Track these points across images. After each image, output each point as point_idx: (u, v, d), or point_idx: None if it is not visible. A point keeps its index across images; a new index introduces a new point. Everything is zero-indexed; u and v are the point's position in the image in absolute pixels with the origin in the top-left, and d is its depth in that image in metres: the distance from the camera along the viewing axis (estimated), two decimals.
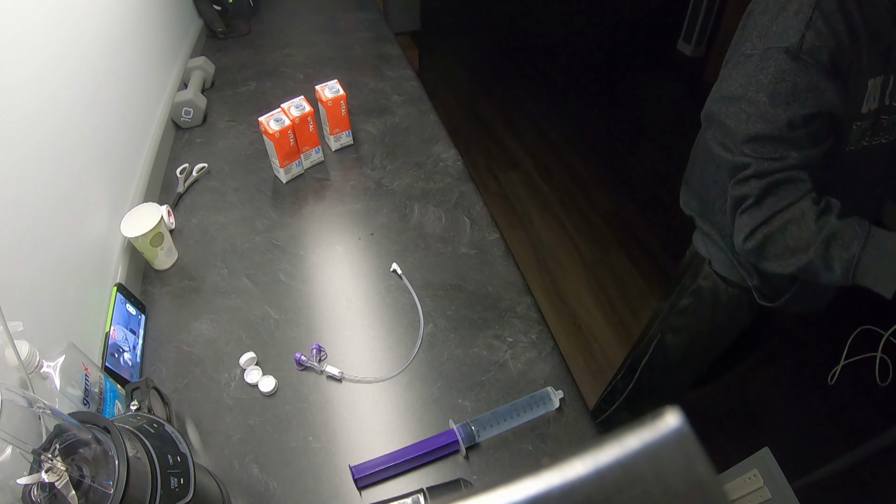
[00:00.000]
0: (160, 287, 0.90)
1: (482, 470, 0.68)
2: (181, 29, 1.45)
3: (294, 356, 0.77)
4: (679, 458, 0.14)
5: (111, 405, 0.66)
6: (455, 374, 0.77)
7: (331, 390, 0.76)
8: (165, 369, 0.78)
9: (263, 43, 1.57)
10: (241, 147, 1.17)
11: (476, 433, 0.68)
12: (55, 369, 0.58)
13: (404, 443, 0.69)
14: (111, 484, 0.42)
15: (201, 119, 1.24)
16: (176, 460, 0.50)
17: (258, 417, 0.73)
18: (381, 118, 1.24)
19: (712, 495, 0.14)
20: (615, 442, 0.15)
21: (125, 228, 0.86)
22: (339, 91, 1.09)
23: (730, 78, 0.70)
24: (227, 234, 0.98)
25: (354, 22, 1.69)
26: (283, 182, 1.08)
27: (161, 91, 1.23)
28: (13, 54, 0.68)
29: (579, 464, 0.15)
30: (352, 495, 0.66)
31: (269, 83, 1.38)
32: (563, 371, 0.77)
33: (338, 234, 0.98)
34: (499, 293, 0.87)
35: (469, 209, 1.01)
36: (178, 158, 1.15)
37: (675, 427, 0.15)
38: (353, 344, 0.81)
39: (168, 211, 0.98)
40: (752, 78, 0.66)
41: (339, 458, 0.69)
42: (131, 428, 0.49)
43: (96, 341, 0.76)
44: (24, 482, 0.41)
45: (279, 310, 0.85)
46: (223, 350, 0.80)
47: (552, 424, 0.71)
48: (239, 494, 0.65)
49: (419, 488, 0.62)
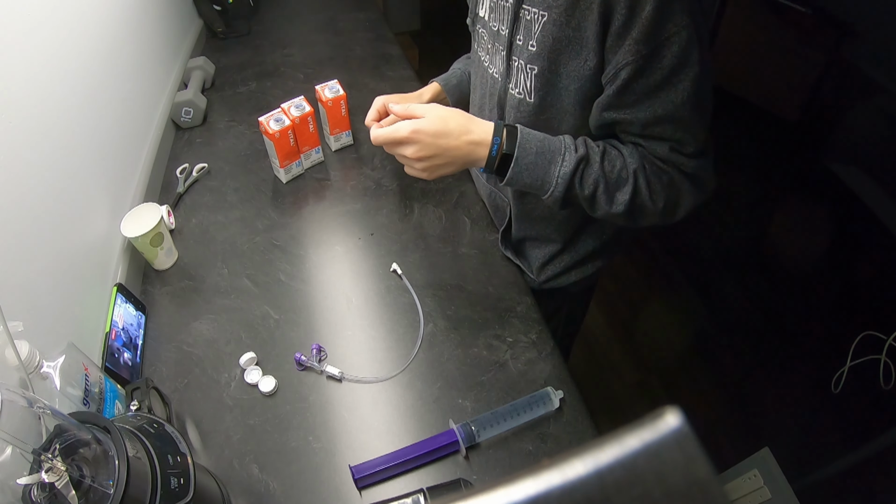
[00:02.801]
0: (160, 287, 0.90)
1: (482, 470, 0.68)
2: (181, 29, 1.45)
3: (294, 356, 0.77)
4: (679, 458, 0.14)
5: (111, 405, 0.66)
6: (455, 374, 0.77)
7: (331, 390, 0.76)
8: (165, 369, 0.78)
9: (263, 43, 1.57)
10: (241, 147, 1.17)
11: (476, 433, 0.68)
12: (55, 369, 0.58)
13: (404, 443, 0.69)
14: (111, 484, 0.42)
15: (201, 119, 1.23)
16: (176, 460, 0.50)
17: (258, 417, 0.73)
18: None
19: (712, 495, 0.14)
20: (615, 442, 0.15)
21: (125, 228, 0.86)
22: (339, 91, 1.09)
23: None
24: (227, 234, 0.98)
25: (354, 22, 1.68)
26: (283, 182, 1.08)
27: (161, 91, 1.23)
28: (13, 54, 0.68)
29: (579, 464, 0.15)
30: (352, 495, 0.66)
31: (269, 83, 1.38)
32: (563, 371, 0.77)
33: (338, 234, 0.98)
34: (499, 293, 0.87)
35: (469, 209, 1.01)
36: (178, 158, 1.15)
37: (675, 427, 0.15)
38: (353, 344, 0.81)
39: (168, 211, 0.98)
40: None
41: (339, 458, 0.69)
42: (131, 428, 0.49)
43: (96, 341, 0.76)
44: (24, 482, 0.41)
45: (279, 310, 0.85)
46: (223, 350, 0.80)
47: (552, 424, 0.71)
48: (239, 494, 0.65)
49: (419, 488, 0.62)
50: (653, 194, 0.69)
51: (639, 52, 0.58)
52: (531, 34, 0.67)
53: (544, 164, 0.68)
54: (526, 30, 0.67)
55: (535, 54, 0.67)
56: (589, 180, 0.68)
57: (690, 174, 0.68)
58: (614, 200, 0.69)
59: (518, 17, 0.68)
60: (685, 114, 0.62)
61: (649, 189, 0.68)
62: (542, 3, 0.64)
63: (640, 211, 0.70)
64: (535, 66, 0.68)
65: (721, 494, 0.14)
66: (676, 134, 0.65)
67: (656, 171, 0.68)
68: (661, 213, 0.70)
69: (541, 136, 0.69)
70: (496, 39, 0.75)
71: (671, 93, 0.61)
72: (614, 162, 0.68)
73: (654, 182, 0.68)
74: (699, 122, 0.65)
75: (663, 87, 0.61)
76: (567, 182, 0.67)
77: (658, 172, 0.68)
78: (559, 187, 0.68)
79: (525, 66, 0.69)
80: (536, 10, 0.65)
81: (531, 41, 0.67)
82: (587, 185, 0.68)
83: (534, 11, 0.65)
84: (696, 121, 0.64)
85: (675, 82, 0.60)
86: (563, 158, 0.67)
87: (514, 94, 0.73)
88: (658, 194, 0.69)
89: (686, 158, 0.67)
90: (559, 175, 0.67)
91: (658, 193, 0.69)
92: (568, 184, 0.67)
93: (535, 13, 0.65)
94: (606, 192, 0.68)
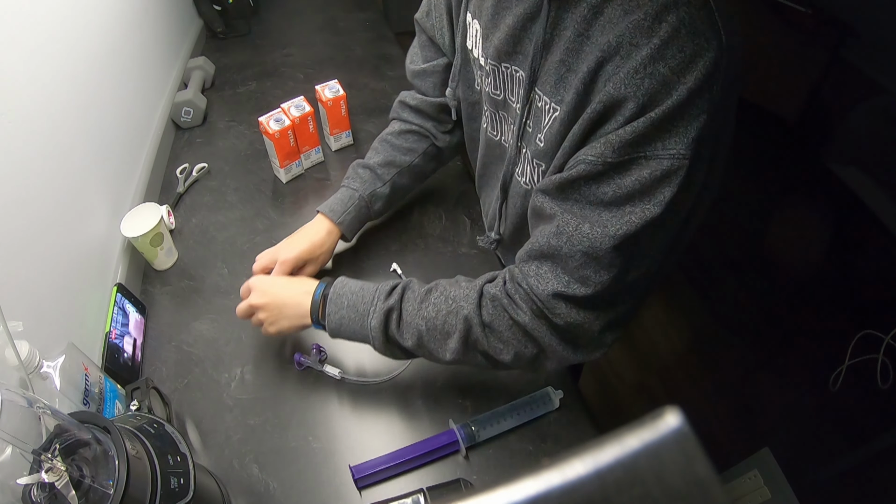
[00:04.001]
0: (160, 287, 0.90)
1: (482, 470, 0.68)
2: (181, 29, 1.45)
3: (294, 356, 0.77)
4: (679, 458, 0.14)
5: (111, 405, 0.66)
6: (455, 374, 0.77)
7: (331, 390, 0.76)
8: (165, 369, 0.78)
9: (263, 43, 1.57)
10: (241, 147, 1.17)
11: (476, 433, 0.68)
12: (55, 369, 0.58)
13: (404, 443, 0.69)
14: (111, 484, 0.42)
15: (201, 119, 1.23)
16: (176, 460, 0.50)
17: (258, 417, 0.73)
18: (381, 118, 1.24)
19: (712, 495, 0.14)
20: (615, 442, 0.15)
21: (125, 228, 0.86)
22: (339, 91, 1.09)
23: None
24: (227, 234, 0.98)
25: (354, 22, 1.68)
26: (284, 182, 1.08)
27: (161, 91, 1.23)
28: (14, 54, 0.68)
29: (579, 464, 0.15)
30: (352, 495, 0.66)
31: (269, 83, 1.38)
32: (563, 371, 0.77)
33: None
34: None
35: (469, 209, 1.01)
36: (178, 158, 1.15)
37: (675, 427, 0.15)
38: (353, 344, 0.81)
39: (168, 211, 0.98)
40: None
41: (339, 458, 0.69)
42: (131, 428, 0.49)
43: (96, 341, 0.76)
44: (24, 482, 0.41)
45: None
46: (223, 350, 0.80)
47: (552, 424, 0.71)
48: (239, 494, 0.65)
49: (419, 488, 0.62)
50: (492, 343, 0.59)
51: (604, 156, 0.48)
52: (540, 126, 0.58)
53: (358, 317, 0.64)
54: (536, 119, 0.58)
55: (543, 151, 0.58)
56: (407, 331, 0.62)
57: (562, 328, 0.55)
58: (446, 348, 0.61)
59: (529, 98, 0.58)
60: (606, 250, 0.50)
61: (487, 339, 0.59)
62: (554, 95, 0.54)
63: (483, 359, 0.61)
64: (542, 163, 0.60)
65: (721, 494, 0.14)
66: (578, 271, 0.52)
67: (502, 318, 0.58)
68: (513, 364, 0.60)
69: (357, 287, 0.65)
70: (502, 108, 0.66)
71: (609, 216, 0.49)
72: (440, 306, 0.60)
73: (496, 331, 0.58)
74: (619, 273, 0.51)
75: (605, 206, 0.50)
76: (382, 335, 0.62)
77: (503, 318, 0.58)
78: (377, 340, 0.63)
79: (532, 160, 0.61)
80: (548, 100, 0.55)
81: (539, 134, 0.58)
82: (406, 336, 0.62)
83: (545, 101, 0.55)
84: (617, 269, 0.51)
85: (621, 208, 0.49)
86: (374, 309, 0.62)
87: (521, 182, 0.66)
88: (504, 344, 0.59)
89: (568, 308, 0.54)
90: (371, 328, 0.63)
91: (504, 344, 0.59)
92: (384, 336, 0.62)
93: (547, 104, 0.55)
94: (434, 340, 0.61)
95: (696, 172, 0.47)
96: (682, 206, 0.49)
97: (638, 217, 0.48)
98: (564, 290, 0.53)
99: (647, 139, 0.46)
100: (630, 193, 0.48)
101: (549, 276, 0.54)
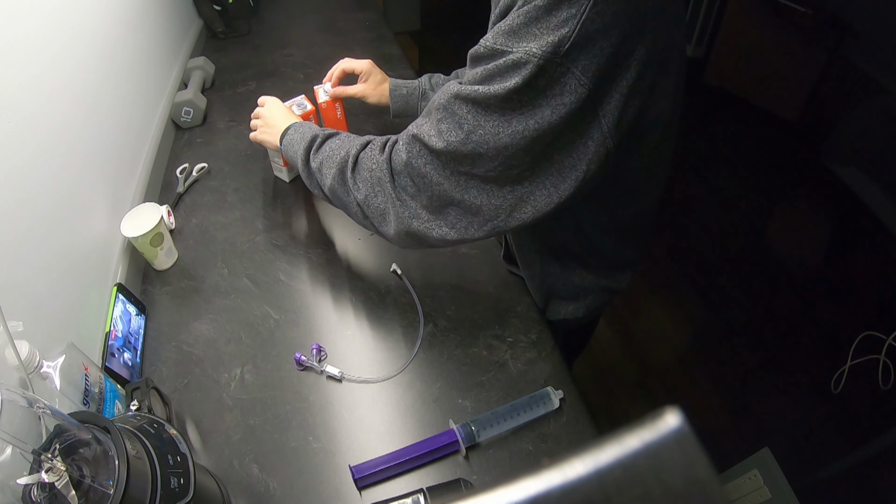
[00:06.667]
0: (160, 287, 0.90)
1: (482, 470, 0.68)
2: (181, 29, 1.45)
3: (294, 356, 0.77)
4: (679, 458, 0.14)
5: (111, 405, 0.66)
6: (455, 374, 0.77)
7: (331, 390, 0.76)
8: (165, 369, 0.78)
9: (263, 43, 1.57)
10: (241, 147, 1.17)
11: (476, 433, 0.68)
12: (55, 369, 0.58)
13: (404, 443, 0.69)
14: (111, 484, 0.42)
15: (201, 119, 1.24)
16: (176, 460, 0.50)
17: (258, 417, 0.73)
18: (380, 118, 1.24)
19: (712, 495, 0.14)
20: (615, 442, 0.15)
21: (125, 228, 0.86)
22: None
23: None
24: (227, 234, 0.98)
25: (354, 22, 1.68)
26: (284, 182, 1.08)
27: (161, 91, 1.23)
28: (14, 55, 0.68)
29: (579, 464, 0.15)
30: (352, 495, 0.66)
31: (269, 83, 1.38)
32: (563, 371, 0.77)
33: (338, 234, 0.98)
34: (499, 293, 0.87)
35: None
36: (178, 158, 1.15)
37: (675, 427, 0.15)
38: (353, 344, 0.81)
39: (168, 211, 0.98)
40: None
41: (339, 458, 0.69)
42: (131, 428, 0.49)
43: (96, 341, 0.77)
44: (24, 482, 0.41)
45: (279, 310, 0.85)
46: (223, 350, 0.80)
47: (552, 424, 0.71)
48: (239, 494, 0.65)
49: (419, 488, 0.62)
50: (355, 179, 0.66)
51: (480, 45, 0.54)
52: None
53: (300, 139, 0.78)
54: None
55: None
56: (318, 158, 0.73)
57: (410, 175, 0.61)
58: (328, 174, 0.70)
59: None
60: (459, 105, 0.55)
61: (352, 174, 0.67)
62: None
63: (343, 194, 0.69)
64: None
65: (721, 494, 0.14)
66: (438, 124, 0.57)
67: (369, 158, 0.65)
68: (364, 205, 0.66)
69: (312, 129, 0.79)
70: None
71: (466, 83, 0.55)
72: (342, 142, 0.71)
73: (359, 168, 0.66)
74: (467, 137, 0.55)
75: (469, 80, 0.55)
76: (304, 156, 0.75)
77: (369, 159, 0.65)
78: (300, 160, 0.76)
79: None
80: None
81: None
82: (314, 160, 0.73)
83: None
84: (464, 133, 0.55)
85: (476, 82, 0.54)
86: (308, 138, 0.76)
87: None
88: (361, 183, 0.66)
89: (420, 150, 0.59)
90: (301, 151, 0.76)
91: (361, 183, 0.66)
92: (304, 157, 0.75)
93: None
94: (325, 167, 0.71)
95: (564, 78, 0.49)
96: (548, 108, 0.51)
97: (482, 92, 0.52)
98: (419, 132, 0.59)
99: (510, 36, 0.51)
100: (488, 75, 0.52)
101: (417, 121, 0.62)
